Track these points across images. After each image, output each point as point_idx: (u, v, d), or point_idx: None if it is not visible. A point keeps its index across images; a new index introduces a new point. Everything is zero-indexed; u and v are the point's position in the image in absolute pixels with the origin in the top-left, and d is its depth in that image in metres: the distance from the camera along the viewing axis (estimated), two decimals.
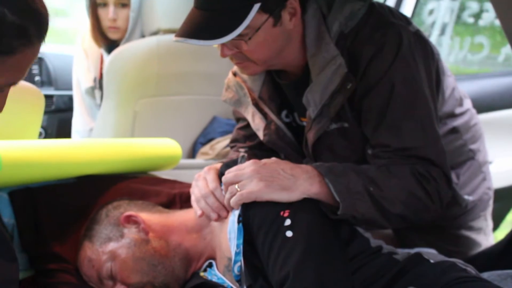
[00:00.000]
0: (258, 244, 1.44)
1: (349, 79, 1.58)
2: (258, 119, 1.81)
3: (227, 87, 1.87)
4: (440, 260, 1.45)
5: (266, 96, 1.79)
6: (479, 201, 1.97)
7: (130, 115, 2.86)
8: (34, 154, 1.66)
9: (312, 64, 1.63)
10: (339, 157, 1.69)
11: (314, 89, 1.62)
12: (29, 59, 1.15)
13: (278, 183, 1.47)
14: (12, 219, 1.70)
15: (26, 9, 1.10)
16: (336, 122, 1.66)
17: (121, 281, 1.58)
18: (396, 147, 1.58)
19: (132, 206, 1.68)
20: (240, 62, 1.64)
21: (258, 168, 1.49)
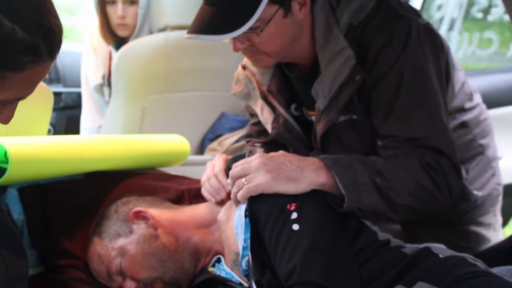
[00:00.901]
0: (265, 237, 1.44)
1: (358, 71, 1.59)
2: (266, 112, 1.81)
3: (236, 80, 1.88)
4: (449, 255, 1.44)
5: (275, 89, 1.80)
6: (489, 196, 1.97)
7: (139, 111, 2.87)
8: (43, 150, 1.66)
9: (321, 56, 1.64)
10: (347, 149, 1.69)
11: (323, 81, 1.63)
12: (39, 75, 1.15)
13: (285, 175, 1.47)
14: (22, 216, 1.70)
15: (37, 27, 1.09)
16: (345, 114, 1.67)
17: (131, 277, 1.58)
18: (405, 137, 1.58)
19: (141, 202, 1.69)
20: (252, 56, 1.65)
21: (265, 160, 1.50)
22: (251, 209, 1.47)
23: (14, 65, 1.09)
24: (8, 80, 1.10)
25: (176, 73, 2.91)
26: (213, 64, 2.97)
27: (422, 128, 1.58)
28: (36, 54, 1.10)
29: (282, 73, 1.80)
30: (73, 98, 3.66)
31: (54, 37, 1.13)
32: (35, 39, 1.09)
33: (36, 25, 1.09)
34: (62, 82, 3.68)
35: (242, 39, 1.58)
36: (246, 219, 1.47)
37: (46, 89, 2.02)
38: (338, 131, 1.69)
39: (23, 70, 1.10)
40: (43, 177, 1.75)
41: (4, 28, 1.06)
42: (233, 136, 2.98)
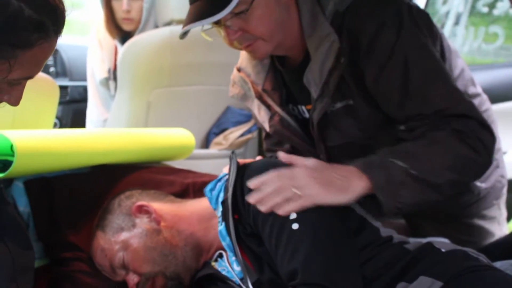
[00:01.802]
0: (264, 236, 1.44)
1: (343, 53, 1.59)
2: (263, 111, 1.83)
3: (233, 83, 1.90)
4: (452, 249, 1.44)
5: (269, 87, 1.81)
6: (492, 188, 1.96)
7: (144, 105, 2.87)
8: (49, 143, 1.67)
9: (309, 45, 1.65)
10: (347, 136, 1.71)
11: (313, 68, 1.64)
12: (46, 53, 1.18)
13: (335, 186, 1.46)
14: (28, 208, 1.71)
15: (43, 4, 1.13)
16: (341, 100, 1.67)
17: (133, 270, 1.59)
18: (428, 113, 1.58)
19: (144, 196, 1.69)
20: (249, 44, 1.64)
21: (312, 172, 1.48)
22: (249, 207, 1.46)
23: (23, 43, 1.12)
24: (18, 59, 1.12)
25: (181, 67, 2.91)
26: (218, 58, 2.97)
27: (441, 100, 1.58)
28: (43, 31, 1.13)
29: (276, 72, 1.81)
30: (79, 91, 3.67)
31: (59, 13, 1.16)
32: (41, 16, 1.12)
33: (42, 2, 1.12)
34: (68, 75, 3.69)
35: (233, 27, 1.59)
36: (221, 226, 1.49)
37: (51, 82, 2.03)
38: (335, 119, 1.70)
39: (31, 48, 1.12)
40: (49, 170, 1.76)
41: (11, 6, 1.08)
42: (238, 130, 2.99)
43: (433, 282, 1.32)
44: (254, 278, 1.46)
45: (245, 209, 1.48)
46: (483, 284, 1.31)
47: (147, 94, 2.88)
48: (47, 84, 2.01)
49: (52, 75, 3.51)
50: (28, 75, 1.19)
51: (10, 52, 1.13)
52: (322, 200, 1.43)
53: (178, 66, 2.90)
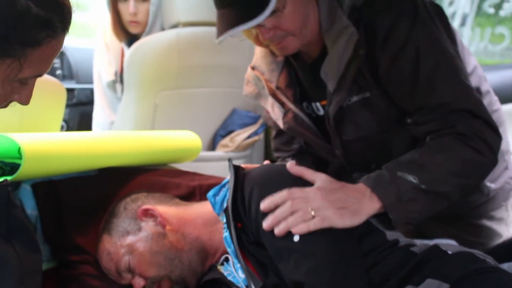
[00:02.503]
0: (268, 246, 1.43)
1: (361, 45, 1.61)
2: (276, 109, 1.84)
3: (247, 81, 1.90)
4: (458, 251, 1.44)
5: (283, 85, 1.82)
6: (501, 190, 1.96)
7: (151, 107, 2.88)
8: (56, 146, 1.68)
9: (327, 39, 1.67)
10: (363, 129, 1.72)
11: (331, 61, 1.65)
12: (54, 51, 1.19)
13: (349, 210, 1.45)
14: (35, 211, 1.72)
15: (50, 2, 1.14)
16: (358, 93, 1.68)
17: (139, 274, 1.59)
18: (433, 105, 1.59)
19: (150, 199, 1.69)
20: (279, 42, 1.66)
21: (327, 195, 1.45)
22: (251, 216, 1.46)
23: (32, 41, 1.13)
24: (28, 57, 1.13)
25: (188, 70, 2.92)
26: (224, 61, 2.98)
27: (448, 93, 1.59)
28: (51, 28, 1.14)
29: (290, 69, 1.83)
30: (86, 94, 3.67)
31: (66, 11, 1.18)
32: (48, 13, 1.13)
33: (48, 0, 1.13)
34: (75, 78, 3.69)
35: (268, 26, 1.61)
36: (226, 233, 1.49)
37: (59, 85, 2.05)
38: (352, 113, 1.71)
39: (40, 46, 1.14)
40: (56, 173, 1.77)
41: (19, 4, 1.10)
42: (245, 132, 2.99)
43: (440, 284, 1.32)
44: (259, 285, 1.46)
45: (247, 218, 1.47)
46: (490, 286, 1.30)
47: (154, 97, 2.88)
48: (54, 87, 2.02)
49: (59, 78, 3.51)
50: (38, 73, 1.20)
51: (19, 51, 1.14)
52: (337, 224, 1.41)
53: (184, 68, 2.90)
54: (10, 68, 1.15)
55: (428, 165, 1.53)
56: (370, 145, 1.76)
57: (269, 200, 1.43)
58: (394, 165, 1.55)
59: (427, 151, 1.57)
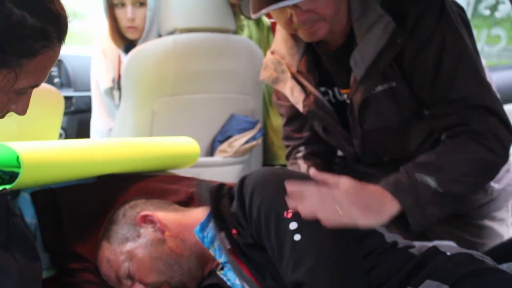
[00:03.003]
0: (268, 247, 1.44)
1: (399, 34, 1.63)
2: (297, 92, 1.85)
3: (265, 66, 1.92)
4: (457, 252, 1.44)
5: (305, 69, 1.84)
6: (503, 191, 1.97)
7: (149, 114, 2.88)
8: (55, 154, 1.68)
9: (357, 27, 1.68)
10: (384, 119, 1.75)
11: (363, 49, 1.67)
12: (50, 61, 1.19)
13: (372, 210, 1.45)
14: (35, 219, 1.72)
15: (45, 12, 1.14)
16: (383, 83, 1.70)
17: (139, 280, 1.59)
18: (452, 98, 1.62)
19: (149, 205, 1.69)
20: (311, 26, 1.67)
21: (349, 196, 1.44)
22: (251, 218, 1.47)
23: (28, 52, 1.13)
24: (24, 67, 1.13)
25: (185, 76, 2.92)
26: (222, 66, 2.98)
27: (468, 87, 1.62)
28: (46, 39, 1.14)
29: (312, 53, 1.84)
30: (85, 102, 3.67)
31: (62, 21, 1.18)
32: (44, 23, 1.13)
33: (44, 10, 1.14)
34: (72, 86, 3.69)
35: (303, 8, 1.62)
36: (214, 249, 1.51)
37: (56, 93, 2.05)
38: (376, 103, 1.72)
39: (36, 56, 1.13)
40: (55, 181, 1.77)
41: (14, 15, 1.10)
42: (243, 137, 2.99)
43: (440, 285, 1.33)
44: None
45: (247, 221, 1.48)
46: (489, 286, 1.31)
47: (152, 103, 2.88)
48: (52, 95, 2.03)
49: (57, 86, 3.51)
50: (35, 83, 1.20)
51: (15, 61, 1.14)
52: (361, 222, 1.42)
53: (182, 74, 2.90)
54: (6, 79, 1.15)
55: (445, 166, 1.56)
56: (389, 135, 1.79)
57: (296, 184, 1.42)
58: (412, 167, 1.57)
59: (443, 151, 1.60)
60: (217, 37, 2.98)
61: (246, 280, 1.47)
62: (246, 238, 1.50)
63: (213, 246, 1.55)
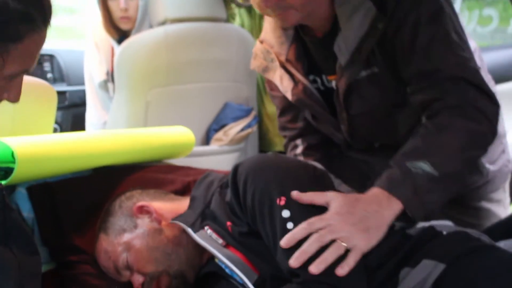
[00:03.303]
0: (260, 231, 1.44)
1: (380, 19, 1.62)
2: (286, 81, 1.85)
3: (255, 55, 1.91)
4: (453, 231, 1.44)
5: (293, 57, 1.83)
6: (499, 172, 1.98)
7: (142, 105, 2.88)
8: (49, 148, 1.68)
9: (340, 14, 1.68)
10: (370, 104, 1.75)
11: (345, 35, 1.66)
12: (37, 45, 1.18)
13: (373, 227, 1.41)
14: (32, 214, 1.72)
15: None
16: (366, 68, 1.70)
17: (138, 270, 1.59)
18: (426, 71, 1.61)
19: (145, 196, 1.69)
20: (280, 13, 1.67)
21: (345, 217, 1.40)
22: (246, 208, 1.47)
23: (13, 36, 1.12)
24: (11, 53, 1.12)
25: (178, 66, 2.92)
26: (214, 55, 2.98)
27: (444, 59, 1.60)
28: (31, 22, 1.13)
29: (300, 41, 1.84)
30: (79, 96, 3.68)
31: (45, 3, 1.17)
32: (27, 7, 1.13)
33: None
34: (66, 81, 3.70)
35: None
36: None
37: (49, 88, 2.04)
38: (360, 88, 1.72)
39: (22, 40, 1.13)
40: (51, 175, 1.77)
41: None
42: (238, 125, 3.00)
43: (436, 264, 1.32)
44: (254, 278, 1.46)
45: (242, 209, 1.48)
46: (485, 263, 1.31)
47: (145, 94, 2.88)
48: (44, 90, 2.02)
49: (50, 81, 3.52)
50: (23, 68, 1.20)
51: (1, 47, 1.13)
52: (369, 247, 1.38)
53: (174, 64, 2.90)
54: None
55: (434, 148, 1.53)
56: (376, 120, 1.79)
57: (289, 236, 1.37)
58: (400, 157, 1.54)
59: (428, 134, 1.57)
60: (208, 26, 2.98)
61: (244, 268, 1.47)
62: (241, 227, 1.50)
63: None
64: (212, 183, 1.67)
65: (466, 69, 1.61)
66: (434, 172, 1.49)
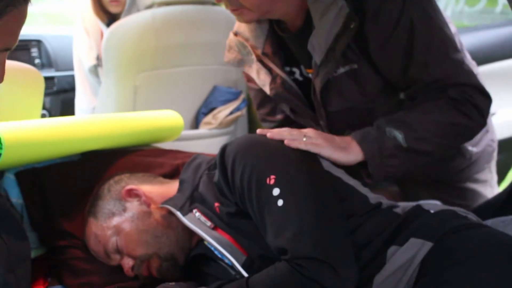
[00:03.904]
0: (252, 214, 1.44)
1: (352, 19, 1.60)
2: (263, 74, 1.83)
3: (229, 48, 1.88)
4: (440, 210, 1.45)
5: (270, 51, 1.81)
6: (483, 153, 1.98)
7: (131, 90, 2.87)
8: (37, 133, 1.67)
9: (313, 11, 1.65)
10: (348, 101, 1.73)
11: (319, 34, 1.64)
12: (18, 21, 1.15)
13: (338, 146, 1.58)
14: (21, 199, 1.72)
15: None
16: (344, 65, 1.68)
17: (127, 254, 1.59)
18: (428, 81, 1.63)
19: (133, 179, 1.69)
20: (234, 9, 1.65)
21: (318, 133, 1.60)
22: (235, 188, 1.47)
23: None
24: None
25: (165, 49, 2.90)
26: (202, 38, 2.97)
27: (442, 69, 1.62)
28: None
29: (276, 34, 1.81)
30: (68, 81, 3.65)
31: None
32: None
33: None
34: (54, 66, 3.67)
35: None
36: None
37: (36, 73, 2.03)
38: (338, 84, 1.71)
39: (2, 16, 1.11)
40: (39, 160, 1.76)
41: None
42: (227, 108, 2.99)
43: (424, 243, 1.33)
44: (242, 260, 1.47)
45: (230, 190, 1.48)
46: (472, 241, 1.32)
47: (133, 79, 2.87)
48: (31, 75, 2.01)
49: (38, 67, 3.49)
50: (4, 46, 1.17)
51: None
52: (327, 152, 1.56)
53: (162, 48, 2.89)
54: None
55: (415, 125, 1.60)
56: (355, 116, 1.77)
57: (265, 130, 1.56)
58: (383, 121, 1.62)
59: (417, 110, 1.63)
60: (195, 9, 2.97)
61: (232, 250, 1.47)
62: (229, 207, 1.50)
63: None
64: (200, 165, 1.67)
65: (464, 74, 1.64)
66: (404, 143, 1.59)
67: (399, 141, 1.59)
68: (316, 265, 1.29)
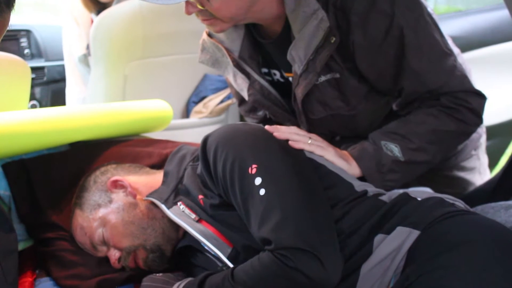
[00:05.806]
0: (232, 202, 1.42)
1: (333, 33, 1.56)
2: (240, 79, 1.77)
3: (202, 48, 1.82)
4: (427, 197, 1.44)
5: (247, 55, 1.75)
6: (469, 141, 1.97)
7: (120, 79, 2.85)
8: (23, 124, 1.66)
9: (292, 20, 1.60)
10: (330, 108, 1.70)
11: (298, 45, 1.60)
12: (1, 28, 1.15)
13: (339, 154, 1.60)
14: (8, 191, 1.71)
15: None
16: (326, 74, 1.65)
17: (114, 245, 1.58)
18: (422, 92, 1.62)
19: (119, 170, 1.68)
20: (206, 19, 1.59)
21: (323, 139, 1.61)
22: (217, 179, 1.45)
23: None
24: None
25: (154, 38, 2.88)
26: (190, 26, 2.94)
27: (435, 79, 1.61)
28: None
29: (253, 38, 1.75)
30: (58, 71, 3.64)
31: None
32: None
33: None
34: (43, 56, 3.65)
35: (193, 3, 1.53)
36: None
37: (22, 63, 2.01)
38: (320, 92, 1.68)
39: None
40: (26, 151, 1.76)
41: None
42: (218, 97, 2.97)
43: (411, 231, 1.32)
44: (228, 252, 1.46)
45: (213, 181, 1.46)
46: (458, 229, 1.31)
47: (123, 68, 2.85)
48: (17, 66, 1.99)
49: (27, 57, 3.47)
50: None
51: None
52: (331, 157, 1.57)
53: (151, 37, 2.87)
54: None
55: (410, 135, 1.60)
56: (337, 122, 1.76)
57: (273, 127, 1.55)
58: (379, 134, 1.63)
59: (412, 120, 1.63)
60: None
61: (217, 242, 1.46)
62: (213, 199, 1.48)
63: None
64: (184, 157, 1.65)
65: (456, 81, 1.62)
66: (401, 156, 1.60)
67: (396, 155, 1.60)
68: (299, 255, 1.27)
